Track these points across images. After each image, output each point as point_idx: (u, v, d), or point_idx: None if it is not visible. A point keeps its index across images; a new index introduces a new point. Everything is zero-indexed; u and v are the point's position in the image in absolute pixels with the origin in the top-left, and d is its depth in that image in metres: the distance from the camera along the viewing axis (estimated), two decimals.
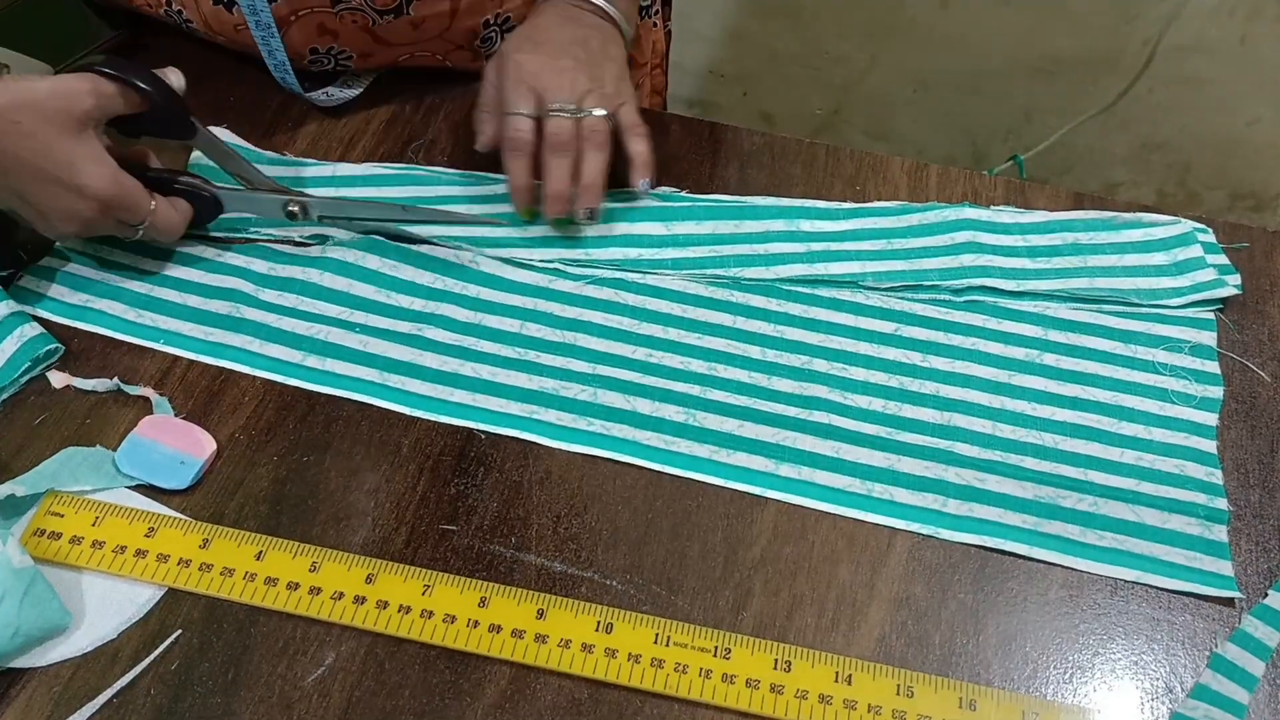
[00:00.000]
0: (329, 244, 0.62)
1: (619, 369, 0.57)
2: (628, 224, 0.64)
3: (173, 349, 0.57)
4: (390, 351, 0.58)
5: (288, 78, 0.67)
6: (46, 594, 0.47)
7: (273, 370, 0.57)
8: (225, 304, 0.59)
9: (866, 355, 0.58)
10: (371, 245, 0.62)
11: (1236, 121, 1.32)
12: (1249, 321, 0.60)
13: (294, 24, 0.64)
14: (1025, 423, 0.56)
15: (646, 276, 0.61)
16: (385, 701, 0.46)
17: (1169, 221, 0.64)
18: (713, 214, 0.65)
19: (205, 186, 0.60)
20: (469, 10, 0.67)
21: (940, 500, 0.53)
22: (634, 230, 0.63)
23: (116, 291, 0.60)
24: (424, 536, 0.51)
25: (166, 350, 0.57)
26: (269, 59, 0.65)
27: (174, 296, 0.60)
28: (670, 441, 0.54)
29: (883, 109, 1.44)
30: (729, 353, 0.58)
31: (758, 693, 0.47)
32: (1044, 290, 0.61)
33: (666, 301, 0.60)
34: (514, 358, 0.58)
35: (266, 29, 0.63)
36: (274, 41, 0.64)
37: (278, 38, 0.64)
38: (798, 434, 0.55)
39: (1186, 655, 0.49)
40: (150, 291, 0.60)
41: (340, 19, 0.65)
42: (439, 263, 0.62)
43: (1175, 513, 0.52)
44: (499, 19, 0.69)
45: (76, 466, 0.52)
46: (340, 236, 0.62)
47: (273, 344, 0.58)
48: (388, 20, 0.65)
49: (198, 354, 0.57)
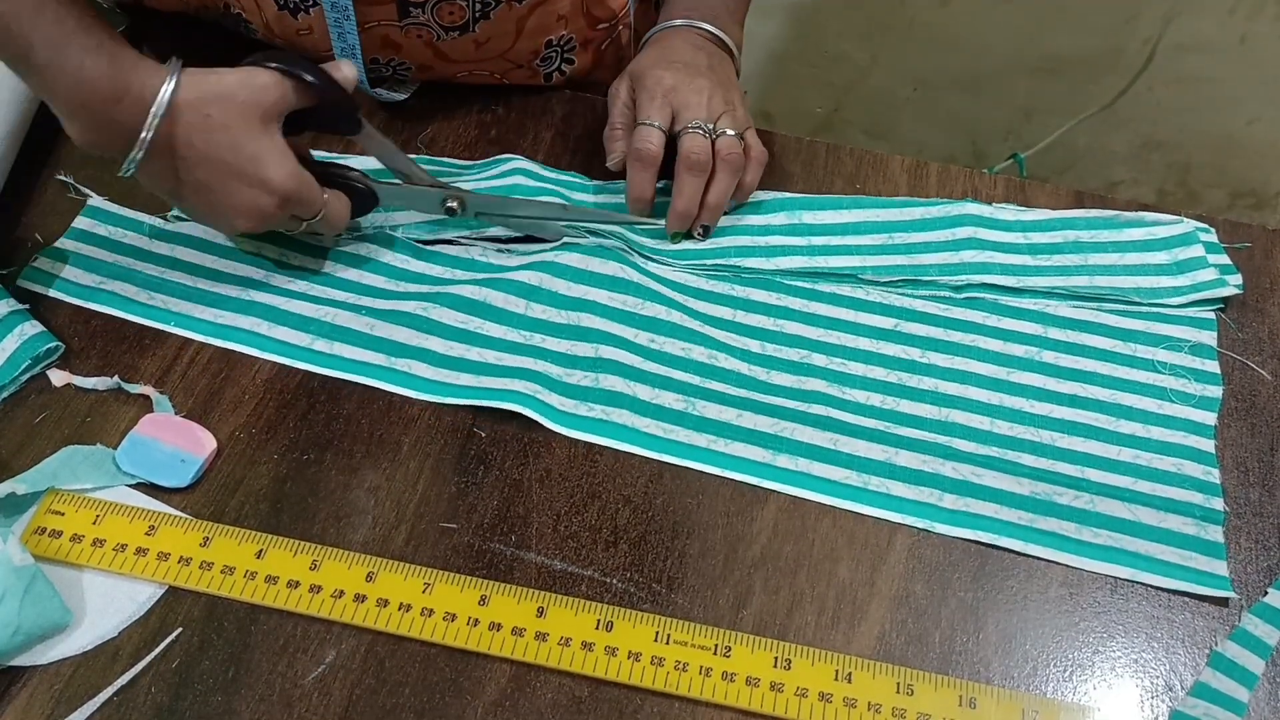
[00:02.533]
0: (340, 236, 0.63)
1: (621, 350, 0.57)
2: None
3: (182, 331, 0.58)
4: (397, 335, 0.58)
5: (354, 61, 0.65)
6: (47, 592, 0.47)
7: (280, 353, 0.57)
8: (235, 288, 0.60)
9: (866, 350, 0.58)
10: (385, 240, 0.63)
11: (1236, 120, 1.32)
12: (1249, 319, 0.60)
13: (361, 35, 0.64)
14: (1023, 420, 0.56)
15: (649, 264, 0.62)
16: (385, 700, 0.46)
17: (1171, 221, 0.64)
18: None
19: (364, 179, 0.59)
20: (533, 31, 0.67)
21: (937, 495, 0.53)
22: None
23: (128, 274, 0.60)
24: (424, 535, 0.51)
25: (176, 332, 0.58)
26: (338, 42, 0.64)
27: (185, 280, 0.60)
28: (669, 430, 0.55)
29: (883, 108, 1.44)
30: (729, 344, 0.58)
31: (758, 691, 0.47)
32: (1044, 288, 0.61)
33: (668, 289, 0.60)
34: (519, 341, 0.58)
35: (343, 11, 0.62)
36: (347, 25, 0.63)
37: (353, 20, 0.62)
38: (796, 425, 0.55)
39: (1186, 653, 0.49)
40: (162, 274, 0.61)
41: (406, 33, 0.64)
42: (448, 258, 0.62)
43: (1171, 512, 0.52)
44: (561, 40, 0.69)
45: (77, 465, 0.52)
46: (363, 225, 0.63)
47: (281, 327, 0.58)
48: (452, 37, 0.65)
49: (207, 336, 0.58)
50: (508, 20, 0.66)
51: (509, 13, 0.65)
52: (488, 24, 0.65)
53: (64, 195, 0.64)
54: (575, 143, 0.69)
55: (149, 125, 0.50)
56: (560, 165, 0.67)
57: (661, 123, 0.61)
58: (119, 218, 0.63)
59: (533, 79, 0.71)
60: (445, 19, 0.64)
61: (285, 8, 0.64)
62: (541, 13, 0.66)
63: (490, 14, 0.64)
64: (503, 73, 0.70)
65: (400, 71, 0.68)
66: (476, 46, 0.66)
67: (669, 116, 0.61)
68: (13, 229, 0.63)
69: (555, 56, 0.70)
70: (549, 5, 0.66)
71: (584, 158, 0.68)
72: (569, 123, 0.70)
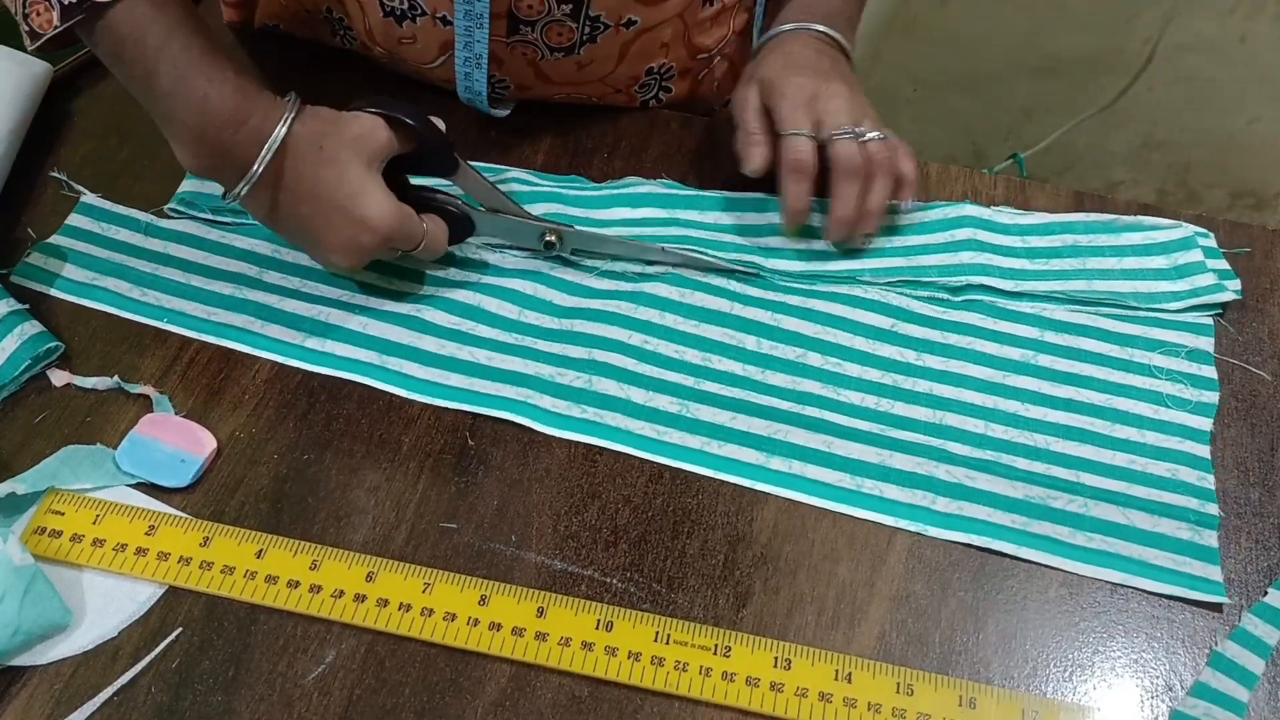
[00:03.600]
0: None
1: (614, 354, 0.57)
2: (629, 209, 0.64)
3: (176, 328, 0.58)
4: (389, 334, 0.58)
5: (475, 73, 0.64)
6: (47, 592, 0.47)
7: (273, 351, 0.57)
8: (229, 285, 0.60)
9: (861, 351, 0.58)
10: None
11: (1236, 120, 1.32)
12: (1249, 320, 0.60)
13: None
14: (1018, 423, 0.56)
15: (647, 268, 0.62)
16: (385, 699, 0.47)
17: (1170, 225, 0.64)
18: (716, 204, 0.65)
19: (460, 205, 0.59)
20: (636, 58, 0.67)
21: (930, 498, 0.53)
22: (635, 214, 0.64)
23: (122, 270, 0.61)
24: (424, 534, 0.51)
25: (170, 329, 0.58)
26: (464, 51, 0.63)
27: (179, 277, 0.60)
28: (663, 432, 0.55)
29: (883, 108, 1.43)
30: (724, 342, 0.58)
31: (758, 691, 0.47)
32: (1042, 291, 0.61)
33: (665, 285, 0.60)
34: (511, 343, 0.58)
35: (477, 20, 0.61)
36: (479, 34, 0.62)
37: (486, 29, 0.62)
38: (789, 427, 0.55)
39: (1186, 653, 0.49)
40: (156, 271, 0.61)
41: (511, 50, 0.64)
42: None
43: (1166, 517, 0.52)
44: (662, 69, 0.69)
45: (77, 464, 0.52)
46: None
47: (274, 324, 0.58)
48: (556, 58, 0.65)
49: (200, 333, 0.58)
50: (613, 44, 0.65)
51: (615, 37, 0.65)
52: (593, 47, 0.65)
53: (65, 195, 0.64)
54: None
55: (264, 156, 0.51)
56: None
57: (811, 131, 0.60)
58: (112, 214, 0.63)
59: (628, 102, 0.71)
60: (553, 39, 0.64)
61: (390, 14, 0.63)
62: (646, 39, 0.66)
63: (597, 38, 0.64)
64: (600, 96, 0.70)
65: (498, 89, 0.68)
66: (579, 68, 0.66)
67: (812, 124, 0.60)
68: (14, 229, 0.63)
69: (654, 84, 0.70)
70: (653, 33, 0.66)
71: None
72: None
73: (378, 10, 0.64)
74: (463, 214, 0.59)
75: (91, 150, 0.67)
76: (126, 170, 0.66)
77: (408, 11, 0.63)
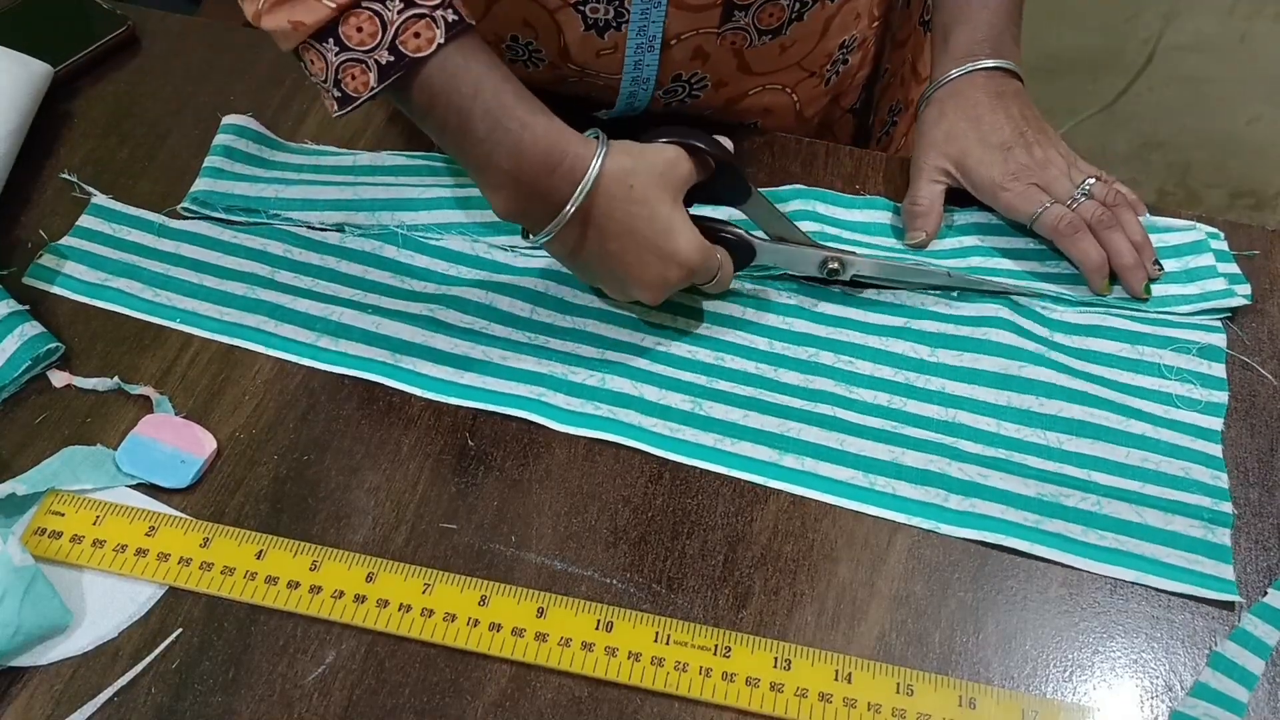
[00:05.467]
0: (347, 232, 0.63)
1: (627, 355, 0.58)
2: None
3: (188, 328, 0.58)
4: (402, 333, 0.58)
5: (647, 57, 0.63)
6: (47, 593, 0.47)
7: (286, 350, 0.57)
8: (241, 285, 0.60)
9: (874, 348, 0.58)
10: (389, 236, 0.63)
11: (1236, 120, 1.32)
12: (1249, 320, 0.60)
13: (674, 46, 0.62)
14: (1030, 421, 0.55)
15: None
16: (385, 700, 0.47)
17: (1184, 227, 0.63)
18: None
19: (738, 233, 0.58)
20: (836, 30, 0.67)
21: (942, 495, 0.53)
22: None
23: (133, 270, 0.61)
24: (424, 535, 0.51)
25: (181, 329, 0.58)
26: (631, 71, 0.63)
27: (190, 277, 0.60)
28: (675, 429, 0.55)
29: None
30: (736, 343, 0.59)
31: (757, 691, 0.47)
32: (1053, 293, 0.61)
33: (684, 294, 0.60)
34: (524, 342, 0.58)
35: (649, 41, 0.61)
36: (649, 57, 0.62)
37: (657, 52, 0.62)
38: (802, 425, 0.55)
39: (1186, 653, 0.49)
40: (167, 271, 0.61)
41: (720, 40, 0.63)
42: (453, 253, 0.62)
43: (1179, 515, 0.52)
44: (851, 40, 0.69)
45: (77, 465, 0.52)
46: (359, 220, 0.63)
47: (287, 324, 0.58)
48: (764, 42, 0.64)
49: (213, 333, 0.58)
50: (818, 20, 0.65)
51: (821, 11, 0.65)
52: (799, 25, 0.64)
53: (65, 195, 0.65)
54: None
55: (578, 196, 0.51)
56: None
57: (1046, 203, 0.60)
58: (124, 215, 0.63)
59: (816, 88, 0.71)
60: (764, 21, 0.63)
61: (592, 27, 0.61)
62: (846, 10, 0.66)
63: (804, 14, 0.64)
64: (794, 85, 0.69)
65: (695, 89, 0.67)
66: (781, 51, 0.66)
67: (1041, 197, 0.61)
68: (13, 229, 0.63)
69: (842, 58, 0.70)
70: (852, 3, 0.66)
71: None
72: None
73: (578, 25, 0.61)
74: (744, 242, 0.58)
75: (91, 150, 0.67)
76: (127, 170, 0.66)
77: (612, 20, 0.61)
